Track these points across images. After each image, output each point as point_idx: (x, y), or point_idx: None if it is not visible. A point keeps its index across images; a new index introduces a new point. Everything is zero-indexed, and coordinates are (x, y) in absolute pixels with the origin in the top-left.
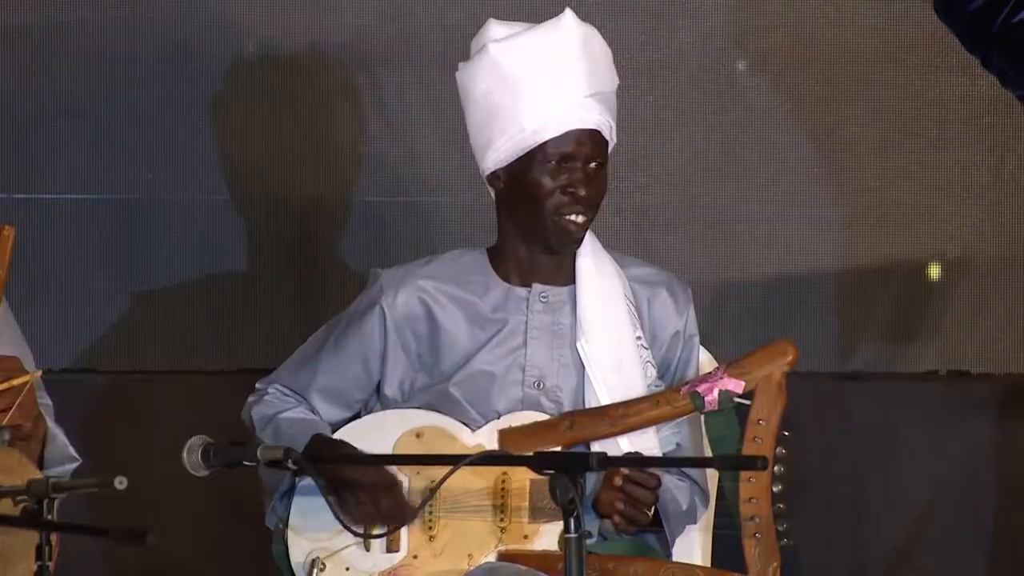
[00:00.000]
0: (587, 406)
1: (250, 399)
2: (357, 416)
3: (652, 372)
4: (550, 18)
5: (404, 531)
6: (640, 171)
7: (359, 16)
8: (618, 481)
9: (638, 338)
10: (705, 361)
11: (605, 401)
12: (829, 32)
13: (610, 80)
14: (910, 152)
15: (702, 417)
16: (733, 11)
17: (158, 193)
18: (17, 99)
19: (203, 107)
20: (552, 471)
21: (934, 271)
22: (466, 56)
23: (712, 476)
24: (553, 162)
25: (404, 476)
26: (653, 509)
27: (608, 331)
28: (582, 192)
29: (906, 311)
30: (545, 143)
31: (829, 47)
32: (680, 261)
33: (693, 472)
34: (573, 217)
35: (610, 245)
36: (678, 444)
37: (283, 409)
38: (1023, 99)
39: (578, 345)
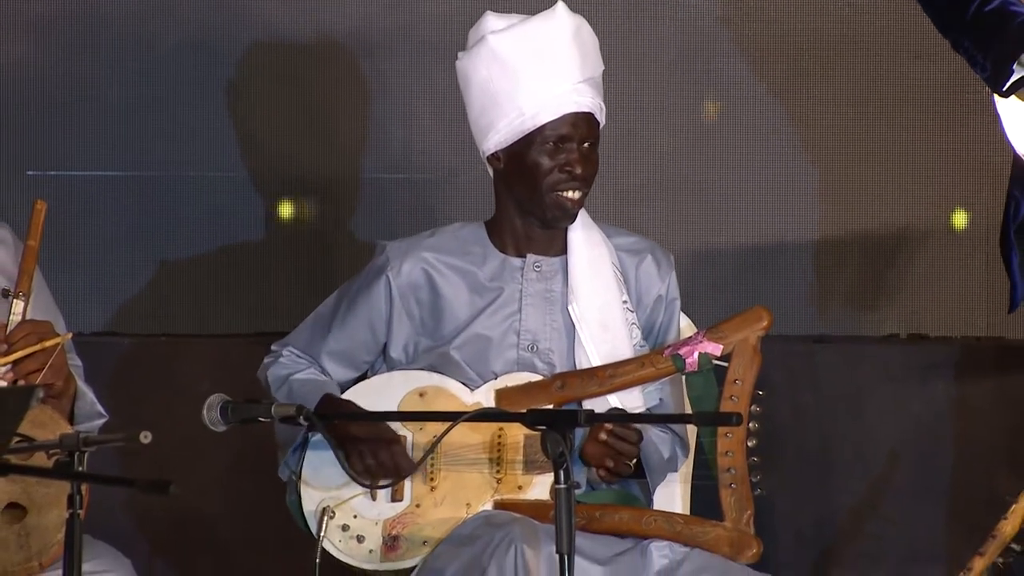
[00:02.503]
0: (577, 366)
1: (266, 360)
2: (364, 375)
3: (637, 333)
4: (542, 8)
5: (408, 482)
6: (625, 150)
7: (364, 6)
8: (603, 435)
9: (624, 302)
10: (685, 326)
11: (595, 360)
12: (801, 22)
13: (598, 66)
14: (873, 132)
15: (683, 377)
16: (711, 2)
17: (180, 170)
18: (51, 83)
19: (221, 91)
20: (544, 427)
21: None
22: (463, 43)
23: (691, 431)
24: (551, 143)
25: (408, 432)
26: (636, 460)
27: (597, 295)
28: (579, 170)
29: (870, 278)
30: (543, 126)
31: (801, 35)
32: (662, 233)
33: (674, 425)
34: (569, 194)
35: (597, 218)
36: (661, 400)
37: (296, 370)
38: (988, 81)
39: (569, 308)
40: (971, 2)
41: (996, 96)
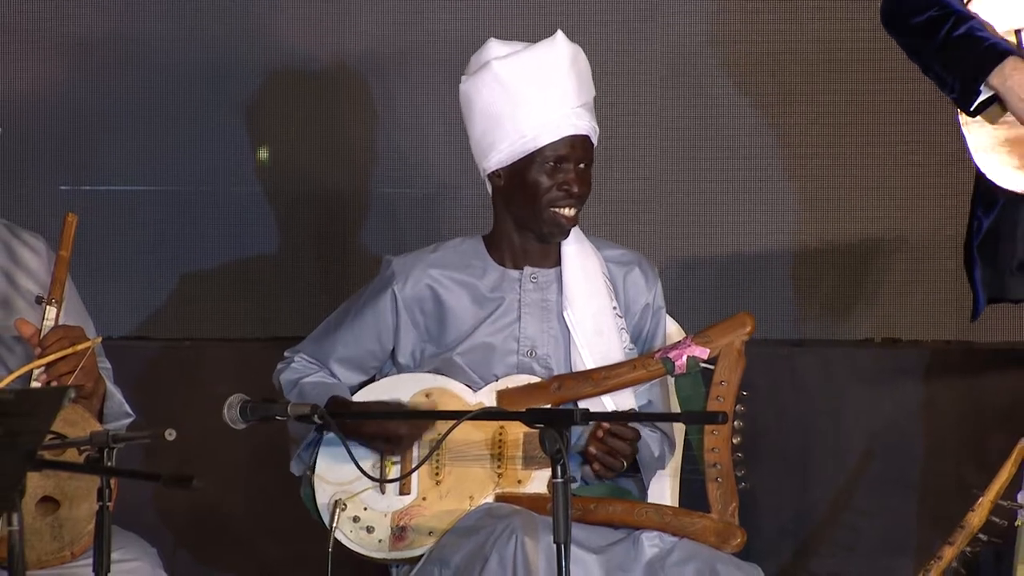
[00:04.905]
0: (573, 369)
1: (279, 366)
2: (373, 379)
3: (626, 337)
4: (541, 31)
5: (415, 476)
6: (617, 165)
7: (374, 31)
8: (600, 434)
9: (614, 308)
10: (674, 331)
11: (589, 363)
12: (781, 44)
13: (592, 91)
14: (850, 147)
15: (672, 379)
16: (698, 25)
17: (203, 185)
18: (83, 104)
19: (240, 111)
20: (542, 425)
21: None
22: (467, 66)
23: (680, 429)
24: (550, 163)
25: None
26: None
27: (590, 302)
28: (575, 189)
29: (846, 286)
30: (543, 147)
31: (782, 57)
32: (652, 244)
33: (662, 424)
34: (565, 211)
35: (589, 230)
36: (650, 401)
37: (307, 374)
38: (956, 101)
39: (564, 315)
40: (940, 28)
41: (961, 118)
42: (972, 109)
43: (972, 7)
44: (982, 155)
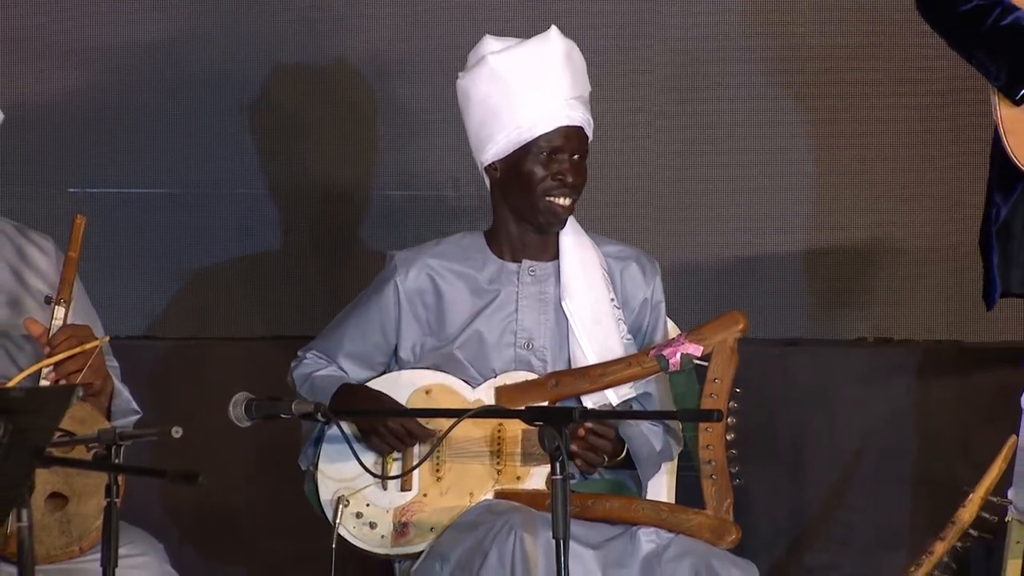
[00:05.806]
0: (572, 359)
1: (292, 363)
2: (381, 375)
3: (624, 328)
4: (537, 32)
5: (416, 473)
6: (617, 164)
7: (376, 33)
8: (581, 432)
9: (612, 299)
10: (669, 329)
11: (588, 352)
12: (781, 46)
13: (587, 86)
14: (849, 153)
15: (667, 376)
16: (697, 27)
17: (207, 187)
18: (91, 109)
19: (244, 115)
20: (540, 422)
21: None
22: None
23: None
24: (545, 153)
25: None
26: (625, 453)
27: (588, 292)
28: (570, 179)
29: (840, 286)
30: (538, 138)
31: (780, 58)
32: (649, 243)
33: None
34: (561, 200)
35: (590, 228)
36: (649, 393)
37: (317, 369)
38: (1002, 89)
39: (563, 304)
40: (987, 17)
41: (995, 100)
42: (1018, 97)
43: None
44: (1013, 137)
